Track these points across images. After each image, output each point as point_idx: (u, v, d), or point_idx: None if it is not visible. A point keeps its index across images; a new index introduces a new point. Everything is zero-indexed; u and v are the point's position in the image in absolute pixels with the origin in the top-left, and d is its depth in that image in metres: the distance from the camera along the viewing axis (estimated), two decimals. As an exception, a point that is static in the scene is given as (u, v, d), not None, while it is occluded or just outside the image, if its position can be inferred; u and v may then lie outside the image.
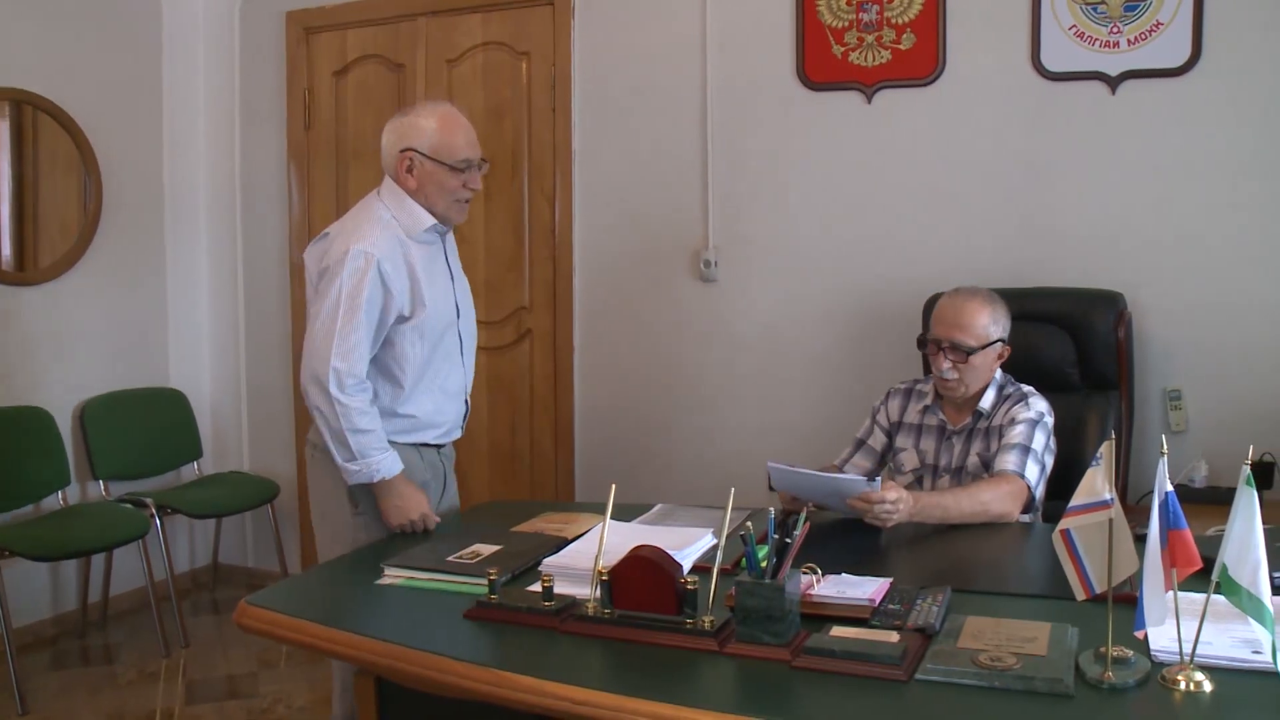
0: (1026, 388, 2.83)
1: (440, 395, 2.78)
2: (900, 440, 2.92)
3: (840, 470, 2.93)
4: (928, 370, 3.10)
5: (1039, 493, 2.68)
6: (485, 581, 1.98)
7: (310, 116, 4.67)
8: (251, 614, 2.06)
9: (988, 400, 2.80)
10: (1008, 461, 2.63)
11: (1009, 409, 2.76)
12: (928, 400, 2.89)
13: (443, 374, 2.77)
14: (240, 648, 4.12)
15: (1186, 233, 3.49)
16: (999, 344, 2.79)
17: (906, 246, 3.80)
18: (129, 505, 4.22)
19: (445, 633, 1.91)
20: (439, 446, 2.84)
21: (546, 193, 4.30)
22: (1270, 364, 3.41)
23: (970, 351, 2.73)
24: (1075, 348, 3.33)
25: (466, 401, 2.91)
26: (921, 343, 2.88)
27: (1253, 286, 3.43)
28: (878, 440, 2.96)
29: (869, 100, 3.81)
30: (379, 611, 2.06)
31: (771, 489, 2.65)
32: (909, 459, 2.89)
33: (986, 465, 2.72)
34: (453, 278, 2.84)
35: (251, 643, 4.02)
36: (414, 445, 2.75)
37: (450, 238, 2.88)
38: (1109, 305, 3.36)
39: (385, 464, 2.59)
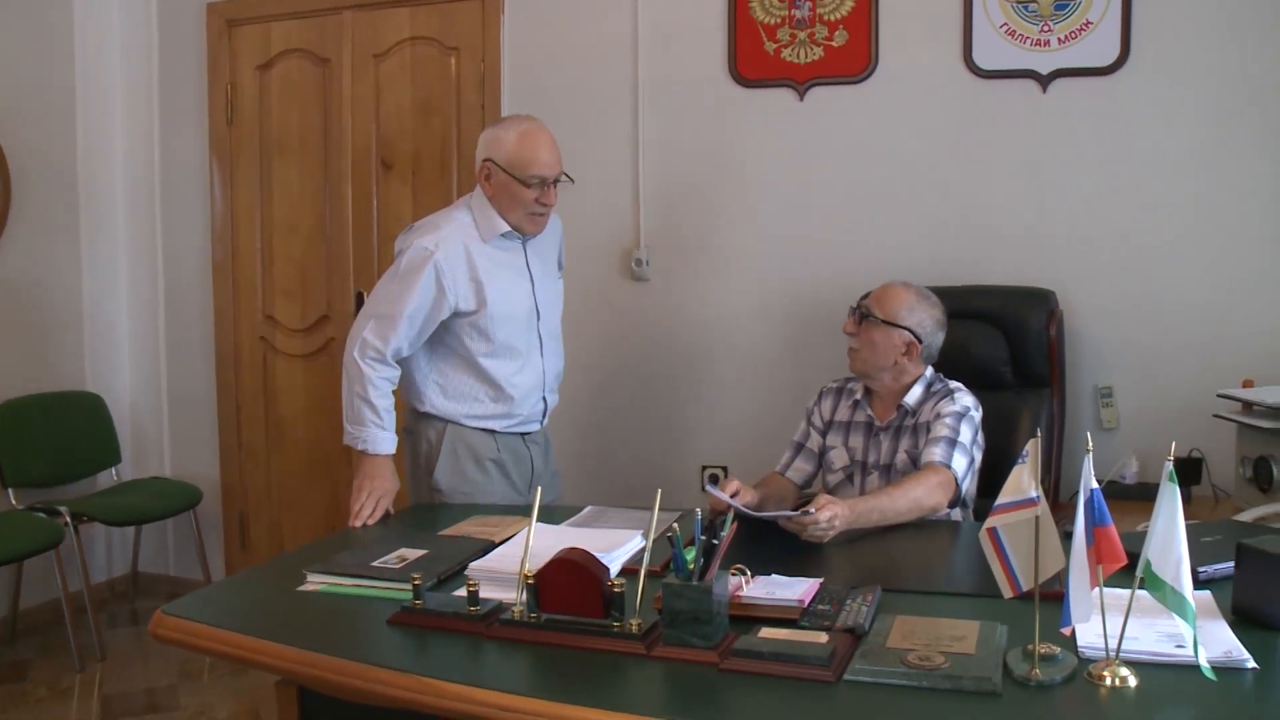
0: (954, 383, 2.86)
1: (507, 388, 2.97)
2: (831, 439, 2.95)
3: (783, 476, 2.97)
4: None
5: (966, 485, 2.71)
6: (410, 587, 1.96)
7: (233, 112, 4.60)
8: (168, 624, 2.02)
9: (914, 396, 2.83)
10: (934, 454, 2.66)
11: (935, 404, 2.79)
12: (857, 396, 2.92)
13: (508, 369, 2.97)
14: (161, 660, 4.03)
15: (1117, 231, 3.56)
16: (907, 333, 2.81)
17: (839, 244, 3.83)
18: (41, 514, 4.11)
19: (369, 640, 1.89)
20: (522, 435, 3.07)
21: (476, 191, 4.28)
22: (1200, 361, 3.49)
23: (871, 318, 2.80)
24: (1008, 346, 3.38)
25: (545, 398, 3.10)
26: (851, 310, 2.92)
27: (1183, 284, 3.51)
28: (814, 442, 2.98)
29: (801, 98, 3.83)
30: (301, 619, 2.03)
31: (704, 490, 2.66)
32: (839, 457, 2.91)
33: (915, 462, 2.75)
34: (533, 281, 3.00)
35: (172, 654, 3.93)
36: (484, 430, 2.98)
37: (547, 240, 3.08)
38: (1041, 303, 3.42)
39: (373, 440, 2.86)
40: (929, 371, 2.87)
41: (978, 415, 2.79)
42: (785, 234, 3.89)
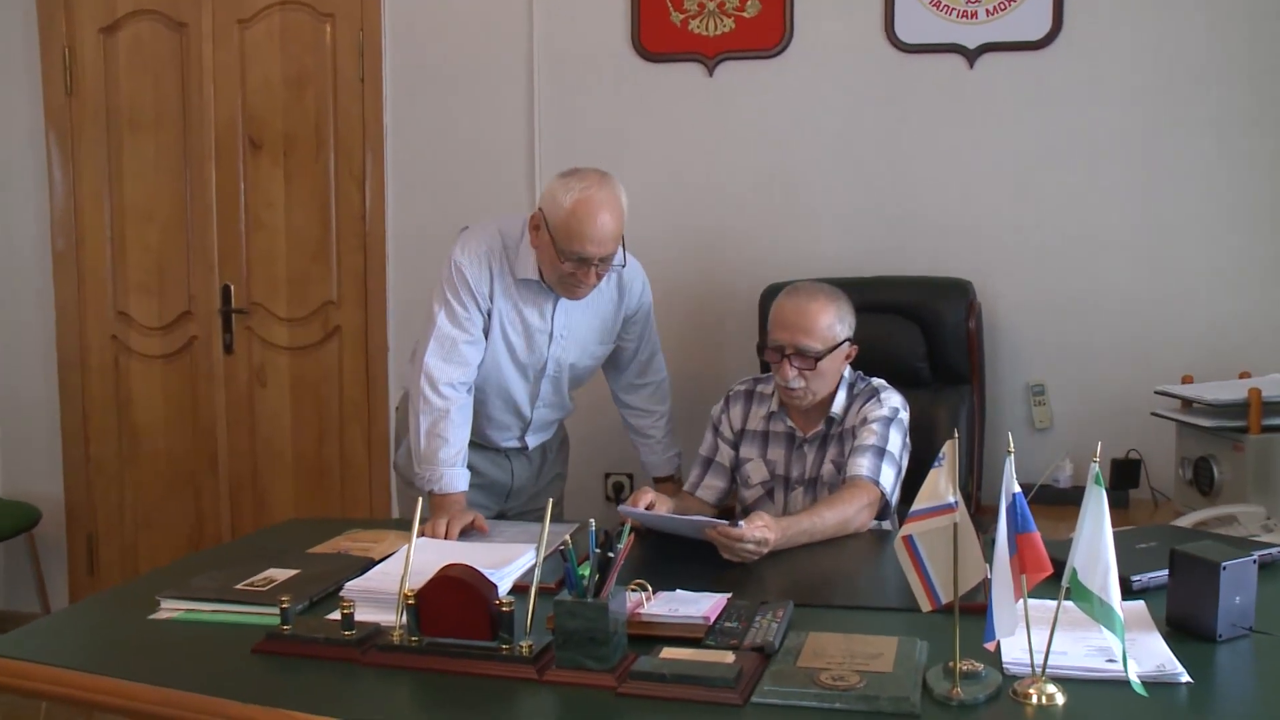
0: (877, 381, 2.88)
1: (483, 418, 3.05)
2: (745, 449, 2.94)
3: (693, 496, 2.96)
4: (765, 368, 3.14)
5: (894, 498, 2.75)
6: (277, 611, 1.94)
7: (72, 80, 4.48)
8: (-7, 665, 1.96)
9: (838, 404, 2.84)
10: (861, 466, 2.69)
11: (860, 407, 2.81)
12: (772, 405, 2.92)
13: (487, 403, 3.04)
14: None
15: (1048, 218, 3.63)
16: (846, 344, 2.83)
17: (750, 232, 3.86)
18: None
19: (230, 671, 1.86)
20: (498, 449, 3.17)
21: (355, 174, 4.23)
22: (1137, 356, 3.58)
23: (818, 357, 2.76)
24: (925, 340, 3.44)
25: (524, 438, 3.17)
26: (762, 350, 2.88)
27: (1118, 275, 3.60)
28: (725, 455, 2.97)
29: (710, 73, 3.86)
30: (153, 651, 1.99)
31: (608, 499, 2.67)
32: (756, 470, 2.92)
33: (840, 470, 2.77)
34: (553, 337, 3.00)
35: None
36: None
37: (606, 302, 3.06)
38: (959, 294, 3.49)
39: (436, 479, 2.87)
40: (847, 371, 2.89)
41: (905, 416, 2.82)
42: (692, 220, 3.91)
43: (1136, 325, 3.60)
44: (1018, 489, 1.63)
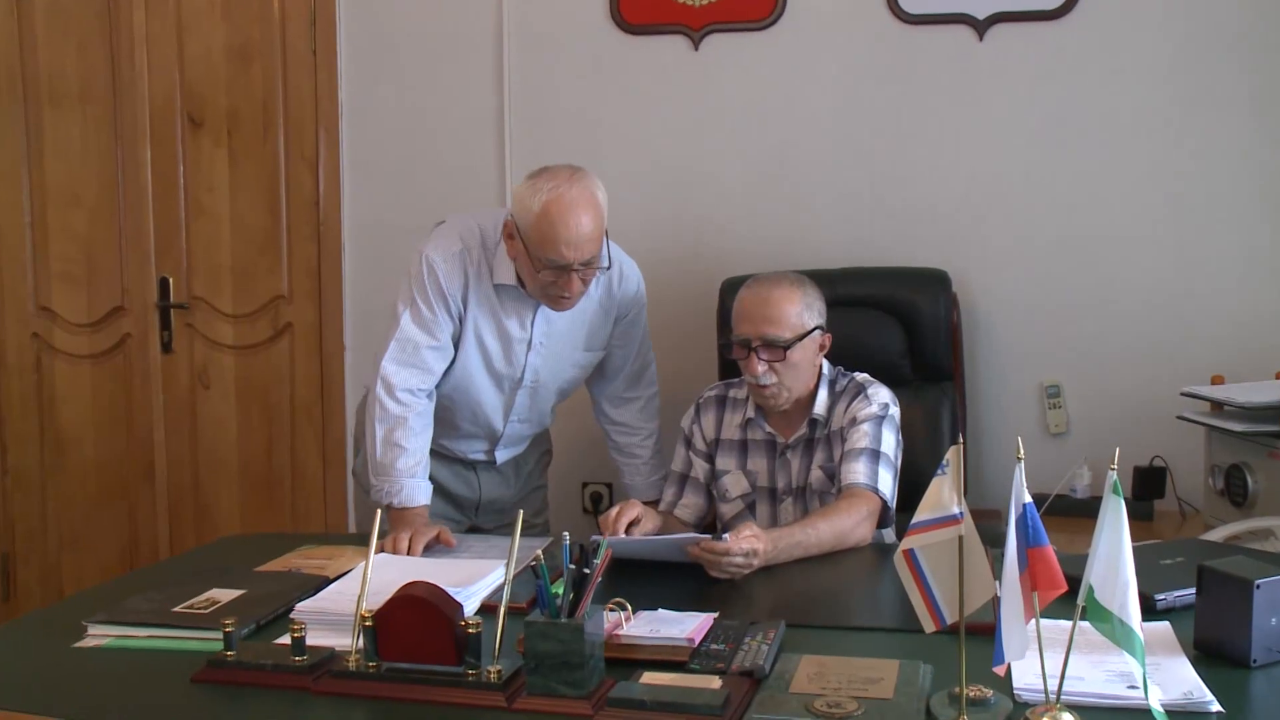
0: (861, 376, 2.90)
1: (444, 422, 3.04)
2: (722, 461, 2.95)
3: (672, 515, 2.96)
4: (733, 372, 3.12)
5: (894, 503, 2.77)
6: (220, 635, 1.94)
7: (-20, 48, 4.46)
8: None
9: (821, 403, 2.86)
10: (857, 473, 2.70)
11: (847, 406, 2.83)
12: (748, 411, 2.93)
13: (455, 411, 3.04)
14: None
15: (1063, 204, 3.65)
16: (817, 332, 2.85)
17: (736, 219, 3.88)
18: None
19: (167, 703, 1.85)
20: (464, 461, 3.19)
21: (307, 156, 4.23)
22: (1160, 356, 3.60)
23: (786, 346, 2.77)
24: (905, 335, 3.50)
25: (493, 452, 3.17)
26: (727, 348, 2.90)
27: (1140, 266, 3.62)
28: (700, 469, 2.98)
29: (696, 46, 3.87)
30: (79, 683, 1.97)
31: (586, 511, 2.67)
32: (734, 483, 2.93)
33: (831, 478, 2.79)
34: (531, 345, 2.99)
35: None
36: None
37: (595, 311, 3.05)
38: (940, 285, 3.54)
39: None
40: (826, 368, 2.91)
41: (896, 411, 2.85)
42: (674, 210, 3.93)
43: (1161, 321, 3.62)
44: (1028, 499, 1.62)
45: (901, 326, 3.49)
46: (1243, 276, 3.57)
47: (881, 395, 2.84)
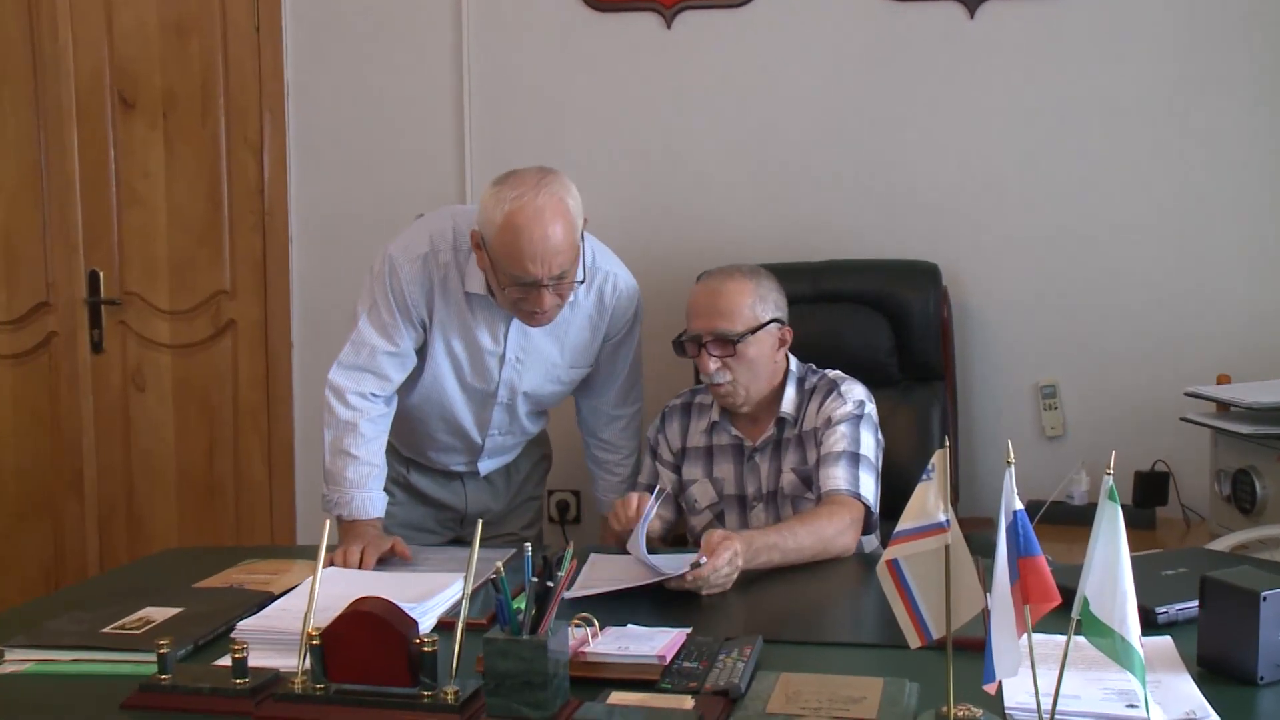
0: (833, 373, 2.92)
1: (418, 434, 3.10)
2: (689, 470, 2.98)
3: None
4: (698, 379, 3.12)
5: (877, 507, 2.78)
6: (154, 657, 1.93)
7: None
8: None
9: (789, 402, 2.88)
10: (837, 479, 2.72)
11: (820, 405, 2.85)
12: (713, 415, 2.95)
13: (428, 424, 3.06)
14: None
15: (1060, 193, 3.68)
16: (774, 325, 2.86)
17: (712, 209, 3.90)
18: None
19: (95, 732, 1.85)
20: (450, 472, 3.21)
21: (250, 140, 4.23)
22: (1162, 354, 3.63)
23: (737, 340, 2.79)
24: (892, 332, 3.52)
25: (476, 463, 3.18)
26: (679, 347, 2.91)
27: (1141, 260, 3.65)
28: (667, 480, 3.00)
29: (668, 24, 3.88)
30: (-2, 713, 1.97)
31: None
32: (702, 493, 2.95)
33: (806, 482, 2.81)
34: (504, 360, 2.96)
35: None
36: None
37: (577, 322, 3.00)
38: (929, 280, 3.56)
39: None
40: (794, 364, 2.93)
41: (873, 408, 2.87)
42: (645, 198, 3.94)
43: (1164, 317, 3.65)
44: (1019, 505, 1.61)
45: (889, 323, 3.51)
46: (1250, 270, 3.60)
47: (856, 392, 2.86)
